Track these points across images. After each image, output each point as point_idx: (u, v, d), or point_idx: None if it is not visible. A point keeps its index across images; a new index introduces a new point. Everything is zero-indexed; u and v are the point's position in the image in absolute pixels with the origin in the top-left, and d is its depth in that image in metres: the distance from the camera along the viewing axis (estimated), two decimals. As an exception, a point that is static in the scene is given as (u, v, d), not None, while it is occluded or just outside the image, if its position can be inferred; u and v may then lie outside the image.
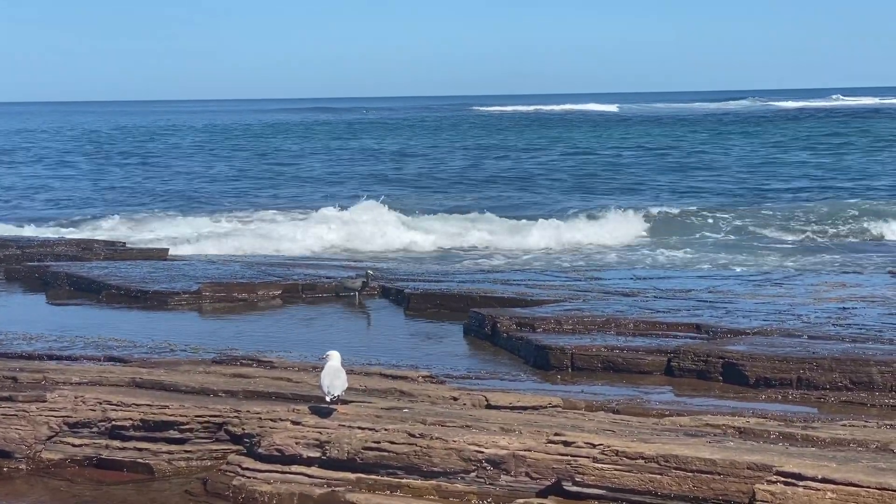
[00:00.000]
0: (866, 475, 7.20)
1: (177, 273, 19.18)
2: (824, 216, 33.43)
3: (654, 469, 7.70)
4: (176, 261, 21.69)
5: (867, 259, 26.42)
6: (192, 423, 9.42)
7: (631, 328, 13.67)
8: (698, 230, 32.33)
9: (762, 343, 12.44)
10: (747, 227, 32.51)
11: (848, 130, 76.98)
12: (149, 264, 20.59)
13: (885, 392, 11.19)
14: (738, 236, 31.53)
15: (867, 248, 28.98)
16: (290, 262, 22.14)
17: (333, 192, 42.72)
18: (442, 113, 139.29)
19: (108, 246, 22.85)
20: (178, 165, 58.48)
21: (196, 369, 11.23)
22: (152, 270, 19.55)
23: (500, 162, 56.95)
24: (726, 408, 10.47)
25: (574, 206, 36.55)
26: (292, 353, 12.70)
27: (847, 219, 32.86)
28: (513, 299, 15.98)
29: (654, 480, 7.67)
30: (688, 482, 7.59)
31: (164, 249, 23.16)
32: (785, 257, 27.38)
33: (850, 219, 32.85)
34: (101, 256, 21.69)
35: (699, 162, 54.65)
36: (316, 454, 8.66)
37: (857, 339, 12.56)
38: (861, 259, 26.50)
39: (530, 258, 27.56)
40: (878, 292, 16.27)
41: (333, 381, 8.88)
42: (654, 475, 7.68)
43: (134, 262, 20.85)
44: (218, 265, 20.67)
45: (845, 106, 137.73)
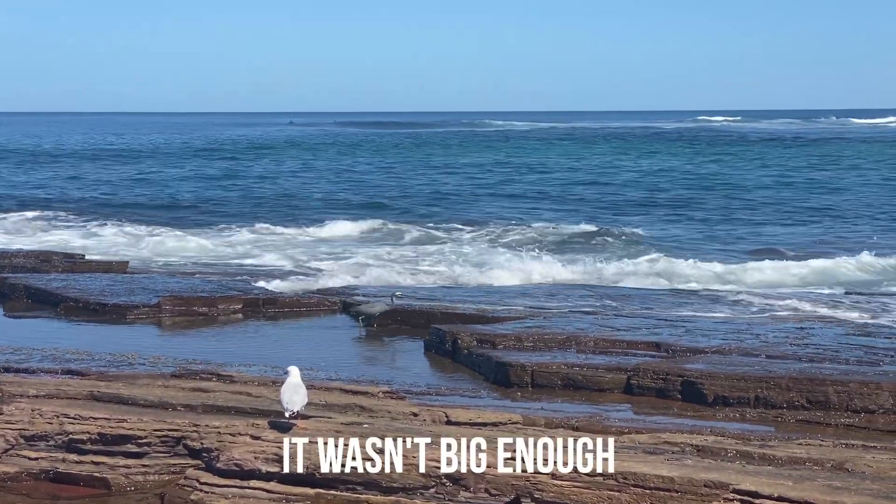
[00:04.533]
0: (822, 494, 7.28)
1: (136, 286, 19.07)
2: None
3: (613, 486, 7.74)
4: (136, 274, 21.55)
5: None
6: (151, 437, 9.35)
7: (591, 346, 13.73)
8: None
9: (721, 362, 12.55)
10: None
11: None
12: (108, 277, 20.46)
13: (841, 411, 11.32)
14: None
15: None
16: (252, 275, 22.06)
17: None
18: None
19: (66, 258, 22.70)
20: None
21: (155, 383, 11.15)
22: (112, 283, 19.42)
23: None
24: (685, 426, 10.54)
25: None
26: (252, 368, 12.66)
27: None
28: (474, 315, 16.02)
29: (612, 497, 7.70)
30: (646, 499, 7.63)
31: (123, 262, 23.00)
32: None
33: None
34: (59, 269, 21.52)
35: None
36: (275, 469, 8.62)
37: (815, 358, 12.70)
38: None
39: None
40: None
41: (293, 397, 8.86)
42: (612, 492, 7.72)
43: (93, 275, 20.70)
44: (178, 279, 20.56)
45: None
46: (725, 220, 35.55)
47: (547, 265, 24.16)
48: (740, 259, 26.33)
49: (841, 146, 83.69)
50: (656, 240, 30.28)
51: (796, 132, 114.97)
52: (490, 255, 26.49)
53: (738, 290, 20.47)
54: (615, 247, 28.77)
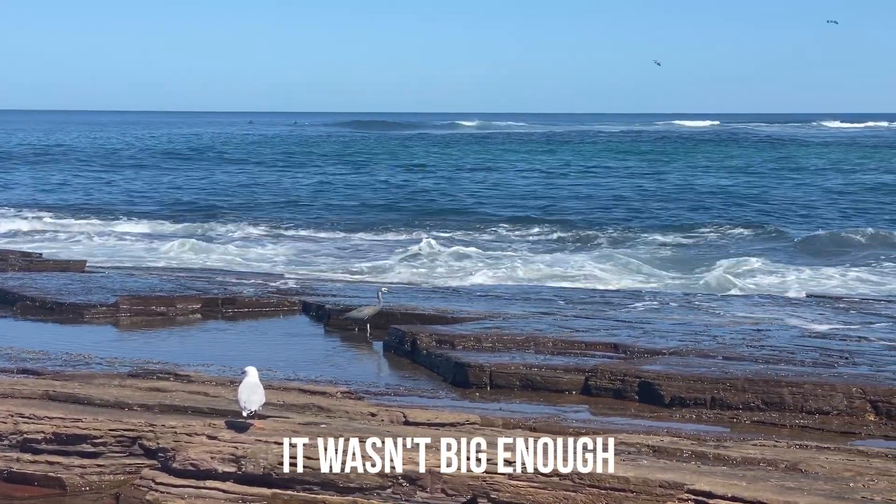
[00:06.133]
0: (774, 494, 7.36)
1: (94, 285, 18.93)
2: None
3: (569, 486, 7.78)
4: (94, 273, 21.41)
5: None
6: (106, 436, 9.30)
7: (550, 347, 13.78)
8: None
9: (678, 363, 12.63)
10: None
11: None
12: (66, 276, 20.31)
13: (795, 413, 11.42)
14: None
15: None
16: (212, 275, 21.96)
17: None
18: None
19: (23, 257, 22.49)
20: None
21: (111, 383, 11.08)
22: (69, 282, 19.28)
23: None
24: (641, 426, 10.60)
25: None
26: (210, 368, 12.61)
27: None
28: (433, 316, 16.02)
29: (568, 497, 7.75)
30: (601, 499, 7.68)
31: (81, 261, 22.84)
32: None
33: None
34: (16, 268, 21.34)
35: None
36: (231, 469, 8.60)
37: (770, 360, 12.81)
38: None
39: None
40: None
41: (250, 396, 8.84)
42: (568, 492, 7.76)
43: (50, 274, 20.55)
44: (136, 278, 20.43)
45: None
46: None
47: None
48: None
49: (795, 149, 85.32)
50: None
51: (758, 133, 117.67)
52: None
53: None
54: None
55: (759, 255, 29.08)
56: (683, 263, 28.52)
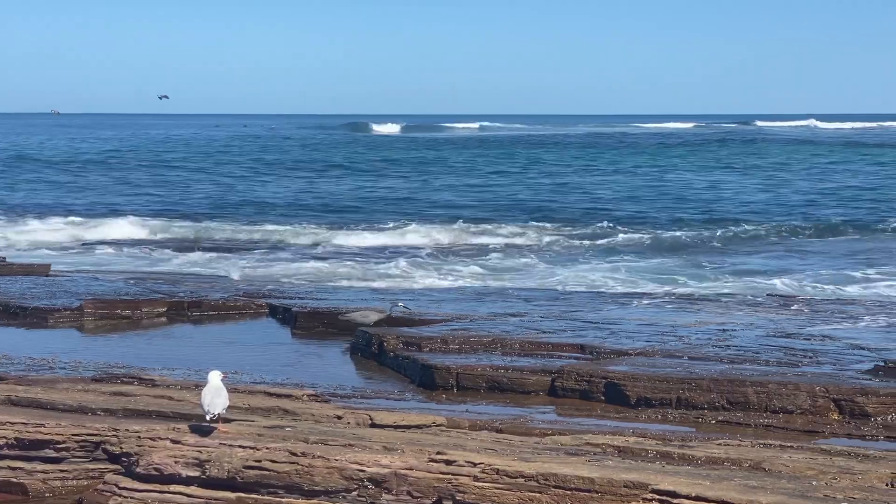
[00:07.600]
0: (738, 493, 7.39)
1: (58, 289, 18.78)
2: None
3: (534, 487, 7.78)
4: (58, 276, 21.22)
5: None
6: (69, 441, 9.21)
7: (517, 348, 13.79)
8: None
9: (644, 363, 12.67)
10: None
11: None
12: (30, 280, 20.15)
13: (760, 412, 11.49)
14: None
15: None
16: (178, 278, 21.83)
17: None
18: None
19: (-14, 261, 22.28)
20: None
21: (75, 387, 10.99)
22: (32, 286, 19.12)
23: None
24: (607, 427, 10.62)
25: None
26: (175, 372, 12.54)
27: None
28: (400, 318, 15.99)
29: (533, 499, 7.74)
30: (566, 500, 7.68)
31: (45, 265, 22.63)
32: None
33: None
34: (-21, 272, 21.12)
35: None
36: (195, 473, 8.54)
37: (735, 360, 12.87)
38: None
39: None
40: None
41: (214, 400, 8.78)
42: (533, 493, 7.76)
43: (14, 278, 20.37)
44: (102, 281, 20.28)
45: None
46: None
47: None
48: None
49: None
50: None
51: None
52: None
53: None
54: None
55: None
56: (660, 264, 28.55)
